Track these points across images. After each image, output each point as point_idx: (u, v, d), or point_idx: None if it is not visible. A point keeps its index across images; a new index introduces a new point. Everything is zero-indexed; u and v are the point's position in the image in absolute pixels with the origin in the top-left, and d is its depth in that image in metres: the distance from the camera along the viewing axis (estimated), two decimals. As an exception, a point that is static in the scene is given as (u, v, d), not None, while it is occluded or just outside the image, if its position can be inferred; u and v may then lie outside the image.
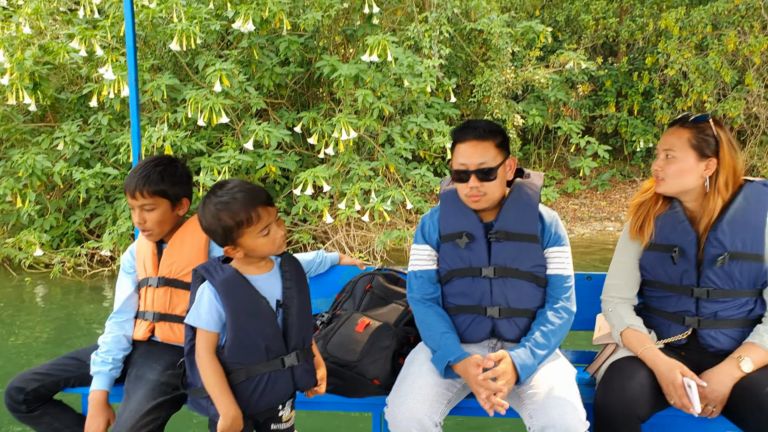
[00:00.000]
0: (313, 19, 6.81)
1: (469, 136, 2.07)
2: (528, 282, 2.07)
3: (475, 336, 2.09)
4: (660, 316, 2.11)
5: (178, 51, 6.76)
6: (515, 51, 10.08)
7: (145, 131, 6.70)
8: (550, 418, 1.80)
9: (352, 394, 2.11)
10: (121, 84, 6.36)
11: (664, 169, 2.02)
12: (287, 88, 8.09)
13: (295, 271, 1.91)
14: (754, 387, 1.85)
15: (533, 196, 2.11)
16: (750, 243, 1.95)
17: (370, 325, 2.19)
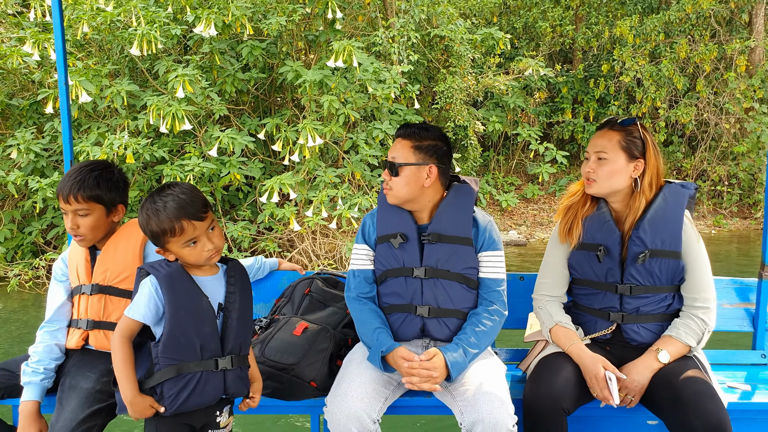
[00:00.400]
0: (277, 23, 6.75)
1: (398, 133, 2.19)
2: (459, 284, 2.12)
3: (406, 334, 2.14)
4: (587, 312, 2.19)
5: (138, 56, 6.59)
6: (475, 58, 10.22)
7: (105, 138, 6.50)
8: (480, 414, 1.86)
9: (290, 397, 2.13)
10: (79, 89, 6.16)
11: (596, 171, 2.09)
12: (248, 94, 7.99)
13: (240, 278, 1.93)
14: (670, 377, 1.95)
15: (468, 200, 2.18)
16: (669, 241, 2.05)
17: (308, 329, 2.21)
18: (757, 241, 10.51)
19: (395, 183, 2.14)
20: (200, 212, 1.81)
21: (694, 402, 1.84)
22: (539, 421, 1.95)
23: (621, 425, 2.21)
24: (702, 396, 1.85)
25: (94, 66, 6.56)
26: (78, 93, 6.18)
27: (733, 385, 2.30)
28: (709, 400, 1.85)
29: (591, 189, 2.12)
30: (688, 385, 1.89)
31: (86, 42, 7.59)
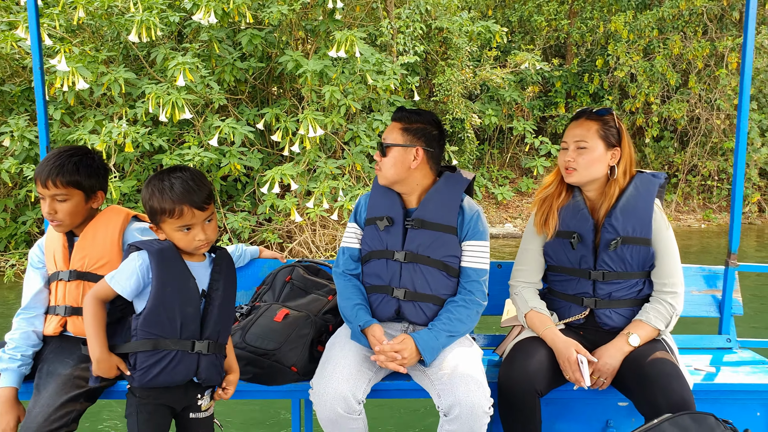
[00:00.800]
0: (278, 12, 6.65)
1: (392, 116, 2.27)
2: (438, 270, 2.15)
3: (382, 315, 2.19)
4: (562, 298, 2.26)
5: (136, 42, 6.46)
6: (473, 51, 10.19)
7: (103, 127, 6.38)
8: (457, 397, 1.91)
9: (271, 382, 2.15)
10: (76, 76, 6.02)
11: (576, 160, 2.13)
12: (246, 83, 7.89)
13: (226, 268, 1.96)
14: (638, 359, 2.02)
15: (457, 189, 2.21)
16: (639, 228, 2.12)
17: (289, 315, 2.23)
18: (746, 235, 10.66)
19: (384, 163, 2.19)
20: (204, 202, 1.83)
21: (660, 382, 1.91)
22: (513, 402, 2.01)
23: (593, 407, 2.28)
24: (668, 377, 1.92)
25: (90, 52, 6.41)
26: (75, 79, 6.05)
27: (699, 367, 2.41)
28: (674, 380, 1.92)
29: (572, 178, 2.15)
30: (655, 367, 1.95)
31: (78, 27, 7.43)
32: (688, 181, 11.70)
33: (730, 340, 2.67)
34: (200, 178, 1.86)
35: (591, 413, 2.29)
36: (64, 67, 5.92)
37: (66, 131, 6.58)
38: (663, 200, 2.25)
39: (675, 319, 2.15)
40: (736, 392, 2.31)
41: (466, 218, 2.19)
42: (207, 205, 1.84)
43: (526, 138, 10.72)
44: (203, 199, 1.83)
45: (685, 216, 11.32)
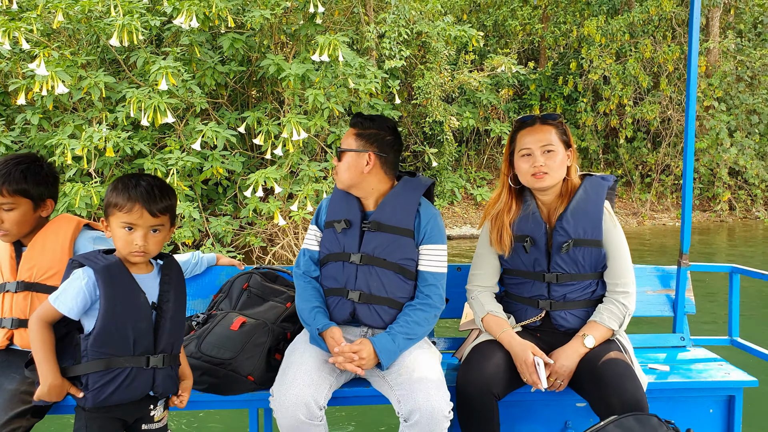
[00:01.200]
0: (261, 17, 6.66)
1: (350, 123, 2.30)
2: (394, 273, 2.16)
3: (338, 317, 2.19)
4: (518, 301, 2.27)
5: (116, 47, 6.41)
6: (450, 54, 10.32)
7: (83, 131, 6.30)
8: (417, 402, 1.91)
9: (227, 392, 2.12)
10: (55, 80, 5.95)
11: (547, 164, 2.14)
12: (226, 87, 7.87)
13: (176, 277, 1.90)
14: (593, 359, 2.05)
15: (416, 193, 2.24)
16: (590, 230, 2.14)
17: (246, 323, 2.20)
18: (717, 232, 10.97)
19: (339, 167, 2.24)
20: (158, 209, 1.79)
21: (614, 382, 1.94)
22: (471, 406, 2.02)
23: (551, 408, 2.31)
24: (621, 377, 1.95)
25: (69, 56, 6.33)
26: (54, 84, 5.97)
27: (653, 366, 2.44)
28: (627, 380, 1.94)
29: (544, 182, 2.16)
30: (609, 367, 1.98)
31: (54, 31, 7.33)
32: (661, 181, 11.99)
33: (684, 339, 2.72)
34: (165, 191, 1.83)
35: (550, 415, 2.31)
36: (44, 71, 5.85)
37: (44, 136, 6.48)
38: (613, 203, 2.28)
39: (628, 318, 2.17)
40: (690, 390, 2.35)
41: (423, 222, 2.21)
42: (160, 215, 1.80)
43: (503, 140, 10.86)
44: (158, 208, 1.79)
45: (659, 215, 11.60)
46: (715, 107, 11.03)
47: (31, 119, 6.34)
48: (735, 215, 11.78)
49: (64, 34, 7.33)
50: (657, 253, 9.18)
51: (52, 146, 6.36)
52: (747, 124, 11.76)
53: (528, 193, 2.26)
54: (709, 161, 11.45)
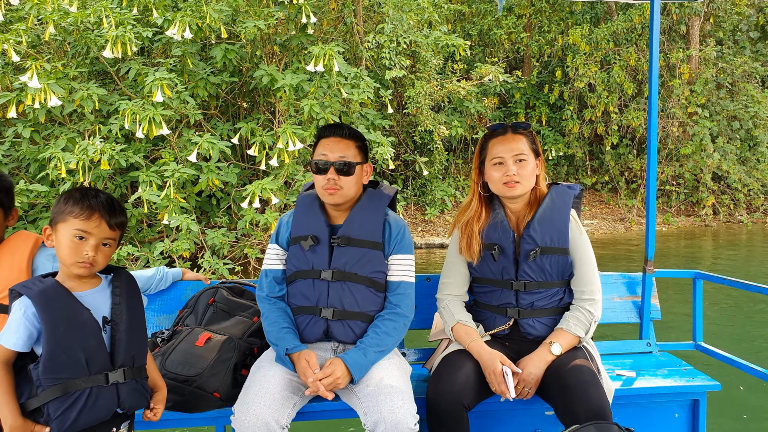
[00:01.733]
0: (255, 27, 6.64)
1: (334, 134, 2.20)
2: (366, 287, 2.16)
3: (310, 336, 2.17)
4: (487, 309, 2.28)
5: (110, 58, 6.33)
6: (438, 64, 10.38)
7: (75, 144, 6.20)
8: (381, 414, 1.89)
9: (193, 410, 2.07)
10: (48, 93, 5.85)
11: (519, 173, 2.16)
12: (217, 98, 7.82)
13: (127, 288, 1.85)
14: (559, 367, 2.07)
15: (381, 204, 2.24)
16: (557, 238, 2.17)
17: (212, 339, 2.16)
18: (702, 237, 11.16)
19: (346, 182, 2.17)
20: (114, 221, 1.77)
21: (578, 390, 1.95)
22: (441, 417, 2.02)
23: (521, 417, 2.32)
24: (586, 384, 1.96)
25: (62, 68, 6.24)
26: (47, 96, 5.87)
27: (620, 372, 2.47)
28: (592, 387, 1.96)
29: (515, 191, 2.17)
30: (574, 375, 2.00)
31: (42, 43, 7.23)
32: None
33: (650, 345, 2.74)
34: (121, 208, 1.81)
35: (519, 424, 2.32)
36: (36, 84, 5.75)
37: (35, 149, 6.37)
38: (579, 211, 2.32)
39: (594, 325, 2.19)
40: (656, 395, 2.37)
41: (393, 233, 2.21)
42: (115, 227, 1.77)
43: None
44: (116, 221, 1.77)
45: (645, 220, 11.78)
46: (699, 113, 11.24)
47: (23, 132, 6.22)
48: (719, 219, 11.99)
49: (51, 46, 7.23)
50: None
51: (44, 159, 6.25)
52: (728, 130, 12.00)
53: (497, 201, 2.27)
54: (694, 167, 11.65)
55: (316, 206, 2.25)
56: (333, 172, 2.15)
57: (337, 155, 2.16)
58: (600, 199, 12.95)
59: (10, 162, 6.66)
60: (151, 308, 2.44)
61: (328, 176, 2.15)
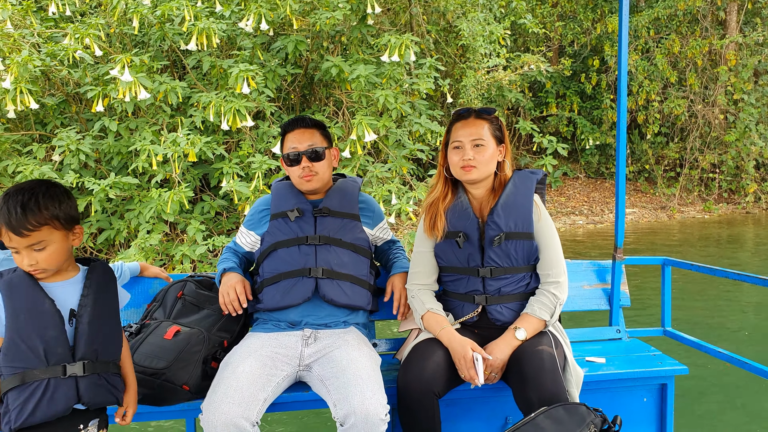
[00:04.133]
0: (333, 18, 6.70)
1: (298, 125, 2.37)
2: (350, 252, 2.32)
3: (297, 296, 2.23)
4: (455, 298, 2.30)
5: (194, 50, 6.40)
6: (486, 53, 10.43)
7: (158, 137, 6.28)
8: (352, 406, 1.89)
9: (162, 402, 2.09)
10: (137, 86, 5.93)
11: (476, 158, 2.17)
12: (280, 90, 7.89)
13: (98, 281, 1.82)
14: (520, 355, 2.09)
15: (354, 187, 2.46)
16: (521, 223, 2.19)
17: (180, 332, 2.16)
18: (743, 224, 11.26)
19: (320, 167, 2.33)
20: (22, 228, 1.66)
21: (534, 377, 1.97)
22: (412, 405, 2.03)
23: (492, 405, 2.35)
24: (541, 371, 1.98)
25: (147, 62, 6.31)
26: (136, 90, 5.95)
27: (590, 359, 2.51)
28: (548, 375, 1.97)
29: (472, 175, 2.19)
30: (532, 362, 2.01)
31: (119, 37, 7.28)
32: (687, 175, 12.25)
33: (620, 331, 2.78)
34: (34, 206, 1.67)
35: (490, 411, 2.35)
36: (128, 78, 5.83)
37: (119, 142, 6.45)
38: (544, 197, 2.32)
39: (559, 308, 2.20)
40: (625, 380, 2.41)
41: (368, 207, 2.44)
42: (26, 232, 1.66)
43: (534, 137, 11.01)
44: (24, 226, 1.66)
45: (686, 208, 11.86)
46: (745, 100, 11.30)
47: (110, 126, 6.30)
48: (760, 206, 12.08)
49: (127, 40, 7.29)
50: (691, 245, 9.40)
51: (129, 152, 6.33)
52: (768, 116, 12.08)
53: (461, 187, 2.30)
54: (736, 155, 11.73)
55: (295, 189, 2.39)
56: (306, 161, 2.31)
57: (305, 145, 2.31)
58: (635, 188, 13.03)
59: (96, 155, 6.69)
60: None
61: (302, 165, 2.31)
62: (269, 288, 2.25)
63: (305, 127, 2.35)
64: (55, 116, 7.06)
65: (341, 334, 2.21)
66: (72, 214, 1.75)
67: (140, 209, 6.16)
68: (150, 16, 6.36)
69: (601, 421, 1.86)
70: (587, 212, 11.56)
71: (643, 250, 8.80)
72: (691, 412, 3.60)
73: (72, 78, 6.73)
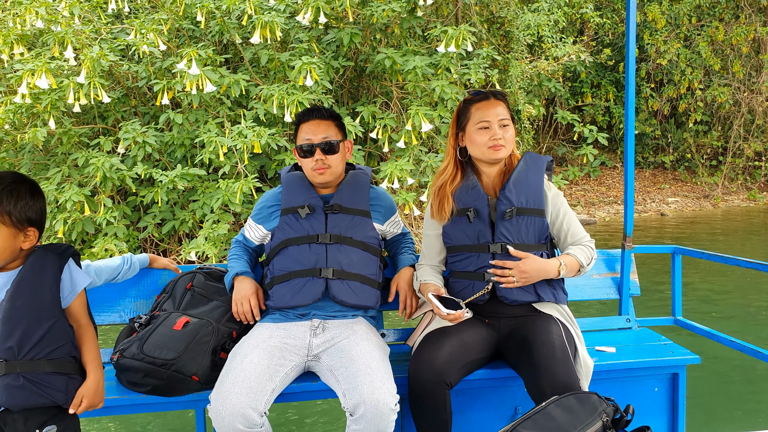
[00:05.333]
0: (389, 10, 6.76)
1: (313, 116, 2.32)
2: (361, 250, 2.28)
3: (308, 296, 2.21)
4: (464, 278, 2.26)
5: (254, 44, 6.50)
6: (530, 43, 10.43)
7: (222, 128, 6.41)
8: (361, 395, 1.89)
9: (172, 393, 2.08)
10: (203, 80, 6.05)
11: (504, 137, 2.19)
12: (331, 82, 7.97)
13: (23, 275, 1.70)
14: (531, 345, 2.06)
15: (365, 180, 2.40)
16: (532, 199, 2.20)
17: (190, 323, 2.17)
18: (789, 213, 11.14)
19: (333, 160, 2.29)
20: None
21: (546, 366, 1.96)
22: (423, 396, 2.02)
23: (501, 394, 2.33)
24: (554, 361, 1.97)
25: (212, 55, 6.43)
26: (203, 83, 6.07)
27: (601, 348, 2.48)
28: (561, 364, 1.97)
29: (500, 153, 2.20)
30: (544, 351, 2.01)
31: (173, 32, 7.41)
32: (731, 163, 12.13)
33: (630, 320, 2.74)
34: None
35: (500, 401, 2.33)
36: (196, 71, 5.95)
37: (182, 134, 6.58)
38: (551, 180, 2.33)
39: (593, 263, 2.22)
40: (636, 370, 2.38)
41: (379, 201, 2.38)
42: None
43: (576, 127, 10.98)
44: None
45: (730, 197, 11.76)
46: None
47: (175, 118, 6.43)
48: (806, 195, 11.95)
49: (184, 34, 7.42)
50: (736, 233, 9.32)
51: (189, 144, 6.46)
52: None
53: (470, 168, 2.30)
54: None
55: (306, 183, 2.35)
56: (320, 153, 2.27)
57: (320, 137, 2.27)
58: (674, 177, 12.93)
59: (162, 147, 6.83)
60: (128, 293, 2.48)
61: (316, 157, 2.27)
62: (279, 286, 2.24)
63: (321, 118, 2.31)
64: (116, 110, 7.22)
65: (350, 324, 2.20)
66: (29, 215, 1.69)
67: (204, 200, 6.29)
68: (216, 11, 6.46)
69: (613, 410, 1.83)
70: (629, 202, 11.50)
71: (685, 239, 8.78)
72: (704, 403, 3.54)
73: (131, 73, 6.88)
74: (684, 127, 12.37)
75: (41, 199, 1.73)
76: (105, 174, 5.97)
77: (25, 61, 6.07)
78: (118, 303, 2.45)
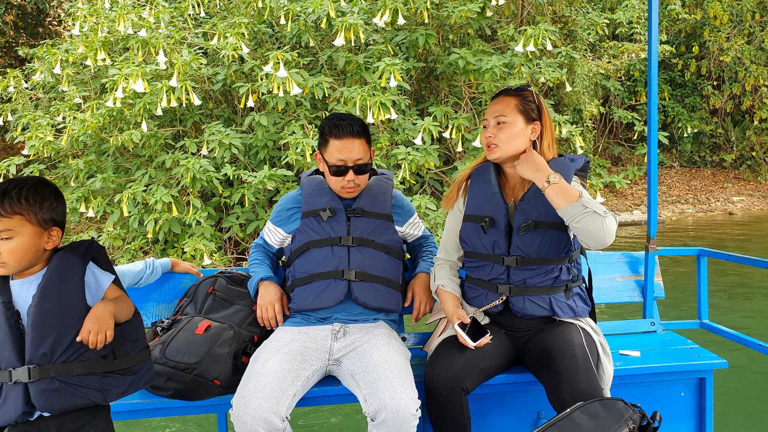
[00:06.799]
0: (468, 11, 6.78)
1: (345, 134, 2.20)
2: (383, 253, 2.27)
3: (330, 299, 2.20)
4: (478, 285, 2.20)
5: (341, 46, 6.59)
6: (592, 41, 10.33)
7: (302, 130, 6.49)
8: (383, 401, 1.87)
9: (194, 397, 2.08)
10: (289, 83, 6.14)
11: (496, 136, 2.09)
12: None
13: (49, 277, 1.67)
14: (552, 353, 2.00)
15: (388, 185, 2.39)
16: (553, 212, 2.00)
17: (211, 327, 2.17)
18: None
19: (364, 180, 2.28)
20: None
21: (568, 376, 1.91)
22: (440, 402, 1.99)
23: (523, 399, 2.29)
24: (577, 371, 1.92)
25: (296, 58, 6.53)
26: (289, 86, 6.16)
27: (625, 352, 2.42)
28: (582, 374, 1.91)
29: (494, 154, 2.11)
30: (565, 361, 1.95)
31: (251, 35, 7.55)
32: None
33: (654, 324, 2.69)
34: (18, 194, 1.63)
35: (522, 406, 2.29)
36: (283, 73, 6.04)
37: (266, 136, 6.69)
38: (585, 183, 2.14)
39: (604, 217, 1.90)
40: (661, 374, 2.33)
41: (398, 204, 2.36)
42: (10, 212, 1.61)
43: (635, 126, 10.83)
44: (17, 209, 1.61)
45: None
46: None
47: (260, 120, 6.55)
48: None
49: (262, 37, 7.54)
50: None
51: (271, 146, 6.56)
52: None
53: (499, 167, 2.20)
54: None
55: (326, 187, 2.32)
56: (352, 174, 2.23)
57: (354, 158, 2.20)
58: (736, 176, 12.65)
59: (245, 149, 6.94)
60: (150, 297, 2.50)
61: (348, 178, 2.23)
62: (301, 288, 2.23)
63: (353, 136, 2.20)
64: (194, 113, 7.38)
65: (370, 328, 2.19)
66: (53, 216, 1.68)
67: (289, 201, 6.39)
68: (301, 14, 6.56)
69: (639, 417, 1.77)
70: (693, 201, 11.31)
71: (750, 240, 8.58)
72: (731, 408, 3.44)
73: (208, 76, 7.02)
74: (744, 125, 12.10)
75: (63, 202, 1.74)
76: (194, 175, 6.10)
77: (120, 66, 6.24)
78: (141, 307, 2.45)
